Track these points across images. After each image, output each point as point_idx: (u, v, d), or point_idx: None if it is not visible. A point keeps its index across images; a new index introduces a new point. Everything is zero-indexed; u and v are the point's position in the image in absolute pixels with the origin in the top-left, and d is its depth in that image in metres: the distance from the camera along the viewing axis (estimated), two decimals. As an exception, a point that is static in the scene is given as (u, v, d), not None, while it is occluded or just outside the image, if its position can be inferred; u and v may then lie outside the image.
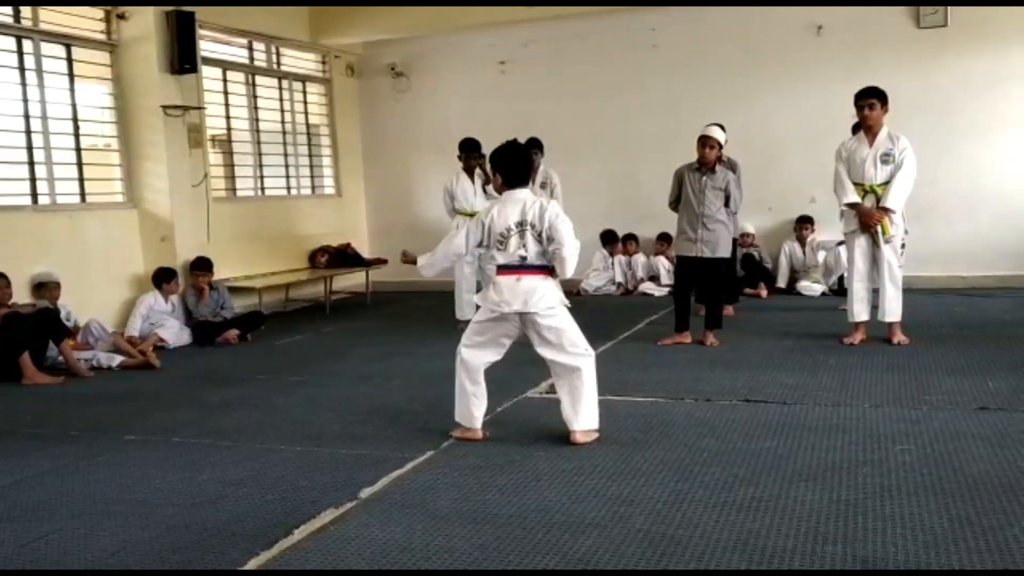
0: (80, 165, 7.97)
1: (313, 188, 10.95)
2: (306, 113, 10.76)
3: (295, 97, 10.52)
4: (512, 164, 4.31)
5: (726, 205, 6.63)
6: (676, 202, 6.78)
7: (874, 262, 6.34)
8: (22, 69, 7.42)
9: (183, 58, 8.12)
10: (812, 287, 9.24)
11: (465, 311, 7.64)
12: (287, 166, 10.41)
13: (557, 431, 4.27)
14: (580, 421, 4.21)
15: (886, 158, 6.17)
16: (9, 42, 7.37)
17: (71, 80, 7.87)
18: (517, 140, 4.46)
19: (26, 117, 7.42)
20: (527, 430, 4.44)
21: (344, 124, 11.24)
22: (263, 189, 10.06)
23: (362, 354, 6.98)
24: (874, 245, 6.29)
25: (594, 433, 4.23)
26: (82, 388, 6.18)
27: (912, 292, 7.43)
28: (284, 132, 10.35)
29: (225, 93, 9.40)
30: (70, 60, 7.85)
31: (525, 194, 4.29)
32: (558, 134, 9.54)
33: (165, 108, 8.12)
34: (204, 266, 8.06)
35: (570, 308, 4.29)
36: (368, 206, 11.56)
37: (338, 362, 6.71)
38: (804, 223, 9.50)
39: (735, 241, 7.63)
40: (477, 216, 4.43)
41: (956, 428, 4.18)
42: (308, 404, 5.32)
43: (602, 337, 6.97)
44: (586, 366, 4.21)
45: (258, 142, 9.88)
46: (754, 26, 9.66)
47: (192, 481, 3.91)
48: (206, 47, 8.95)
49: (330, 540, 3.16)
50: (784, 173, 9.54)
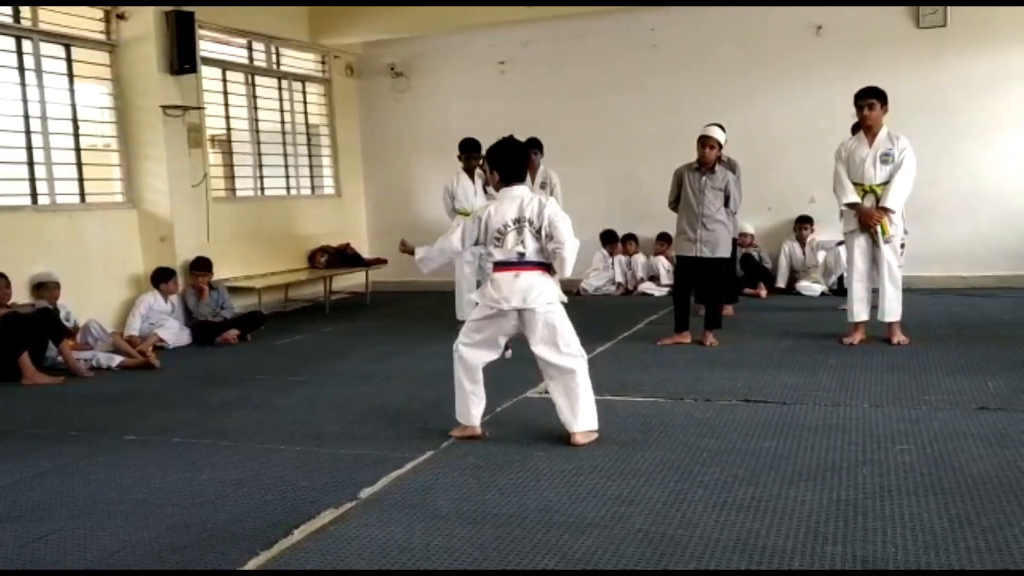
0: (80, 165, 7.96)
1: (313, 188, 10.95)
2: (306, 113, 10.76)
3: (295, 97, 10.53)
4: (509, 161, 4.30)
5: (726, 205, 6.63)
6: (676, 202, 6.78)
7: (874, 262, 6.34)
8: (22, 69, 7.42)
9: (183, 58, 8.12)
10: (812, 287, 9.24)
11: (465, 311, 7.63)
12: (287, 166, 10.41)
13: (557, 431, 4.27)
14: (579, 423, 4.20)
15: (886, 158, 6.17)
16: (9, 42, 7.37)
17: (71, 80, 7.87)
18: (513, 136, 4.44)
19: (26, 117, 7.42)
20: (527, 430, 4.44)
21: (344, 124, 11.25)
22: (263, 189, 10.06)
23: (362, 354, 6.98)
24: (874, 245, 6.30)
25: (593, 434, 4.23)
26: (82, 388, 6.18)
27: (912, 292, 7.43)
28: (284, 132, 10.35)
29: (225, 93, 9.40)
30: (69, 60, 7.85)
31: (523, 191, 4.28)
32: (558, 134, 9.55)
33: (165, 108, 8.12)
34: (204, 266, 8.06)
35: (566, 304, 4.29)
36: (368, 206, 11.56)
37: (338, 362, 6.71)
38: (804, 223, 9.50)
39: (735, 241, 7.63)
40: (474, 213, 4.42)
41: (956, 428, 4.18)
42: (308, 404, 5.32)
43: (602, 337, 6.99)
44: (580, 368, 4.21)
45: (258, 142, 9.88)
46: (754, 26, 9.67)
47: (192, 481, 3.91)
48: (206, 47, 8.95)
49: (330, 540, 3.16)
50: (784, 173, 9.54)
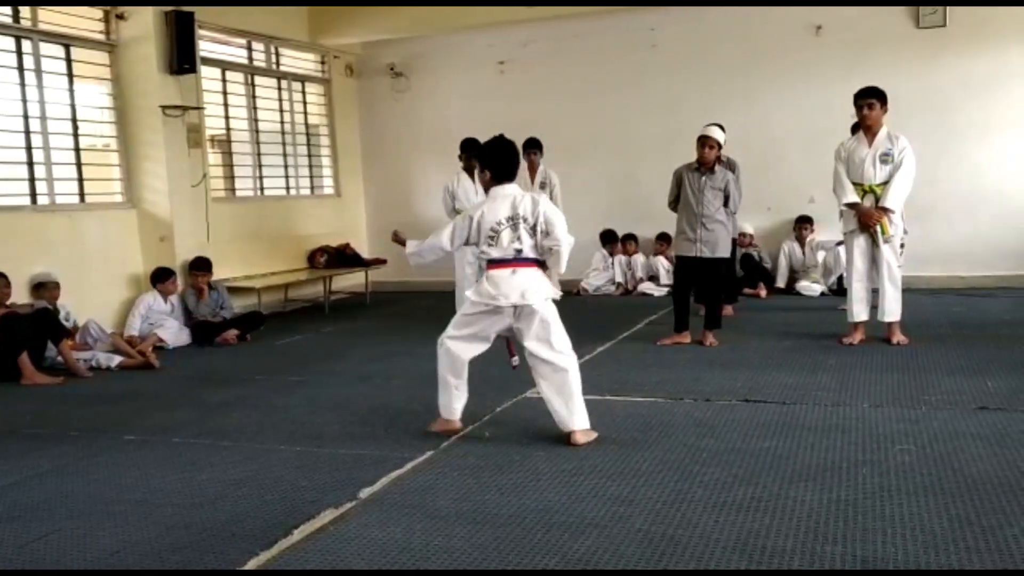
0: (79, 165, 7.96)
1: (312, 188, 10.95)
2: (305, 113, 10.76)
3: (294, 97, 10.52)
4: (501, 159, 4.34)
5: (725, 205, 6.64)
6: (675, 202, 6.78)
7: (873, 262, 6.34)
8: (21, 69, 7.42)
9: (182, 58, 8.12)
10: (811, 287, 9.24)
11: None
12: (286, 166, 10.41)
13: (557, 431, 4.27)
14: (577, 420, 4.21)
15: (885, 158, 6.17)
16: (8, 42, 7.37)
17: (70, 80, 7.87)
18: (504, 135, 4.45)
19: (25, 117, 7.41)
20: (527, 430, 4.44)
21: (343, 124, 11.25)
22: (262, 189, 10.06)
23: (361, 354, 6.98)
24: (873, 245, 6.30)
25: (593, 433, 4.23)
26: (81, 388, 6.18)
27: (911, 292, 7.43)
28: (283, 132, 10.35)
29: (224, 93, 9.40)
30: (69, 60, 7.85)
31: (514, 189, 4.31)
32: (557, 134, 9.55)
33: (164, 108, 8.12)
34: (203, 266, 8.06)
35: (558, 301, 4.31)
36: (367, 206, 11.56)
37: (338, 362, 6.71)
38: (803, 223, 9.50)
39: (734, 241, 7.64)
40: (465, 212, 4.43)
41: (955, 428, 4.18)
42: (308, 404, 5.32)
43: (602, 337, 6.99)
44: (573, 367, 4.24)
45: (257, 142, 9.88)
46: (753, 26, 9.67)
47: (192, 481, 3.91)
48: (205, 47, 8.95)
49: (330, 540, 3.16)
50: (783, 173, 9.54)
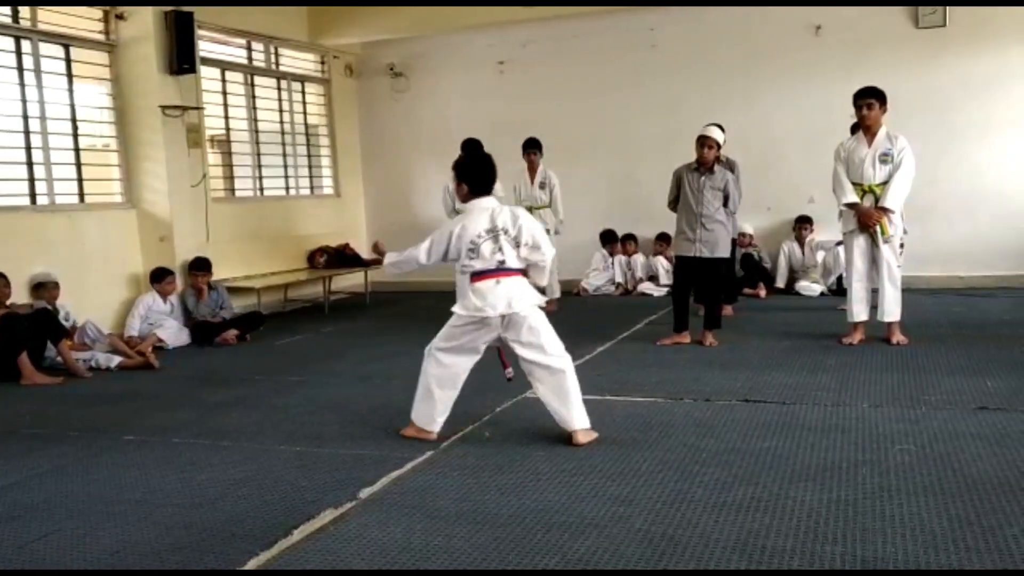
0: (79, 165, 7.96)
1: (312, 188, 10.95)
2: (305, 113, 10.76)
3: (294, 97, 10.52)
4: (478, 174, 4.37)
5: (724, 205, 6.64)
6: (675, 202, 6.78)
7: (873, 262, 6.34)
8: (20, 69, 7.41)
9: (182, 58, 8.12)
10: (811, 287, 9.24)
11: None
12: (286, 166, 10.41)
13: (556, 431, 4.27)
14: (577, 420, 4.22)
15: (885, 158, 6.17)
16: (8, 42, 7.37)
17: (70, 80, 7.86)
18: (479, 144, 4.44)
19: (25, 117, 7.41)
20: (527, 430, 4.44)
21: (343, 124, 11.24)
22: (262, 189, 10.06)
23: (361, 354, 6.98)
24: (873, 245, 6.30)
25: (593, 432, 4.24)
26: (81, 388, 6.18)
27: (911, 292, 7.43)
28: (283, 132, 10.35)
29: (224, 93, 9.40)
30: (68, 60, 7.84)
31: (491, 202, 4.34)
32: (557, 134, 9.56)
33: (164, 108, 8.12)
34: (203, 266, 8.06)
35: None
36: (367, 206, 11.56)
37: (337, 362, 6.71)
38: (803, 223, 9.50)
39: (734, 241, 7.63)
40: (443, 228, 4.41)
41: (955, 428, 4.18)
42: (307, 404, 5.32)
43: (601, 337, 6.99)
44: (569, 367, 4.26)
45: (257, 142, 9.88)
46: (753, 26, 9.67)
47: (191, 481, 3.91)
48: (205, 47, 8.95)
49: (330, 540, 3.16)
50: (783, 173, 9.54)
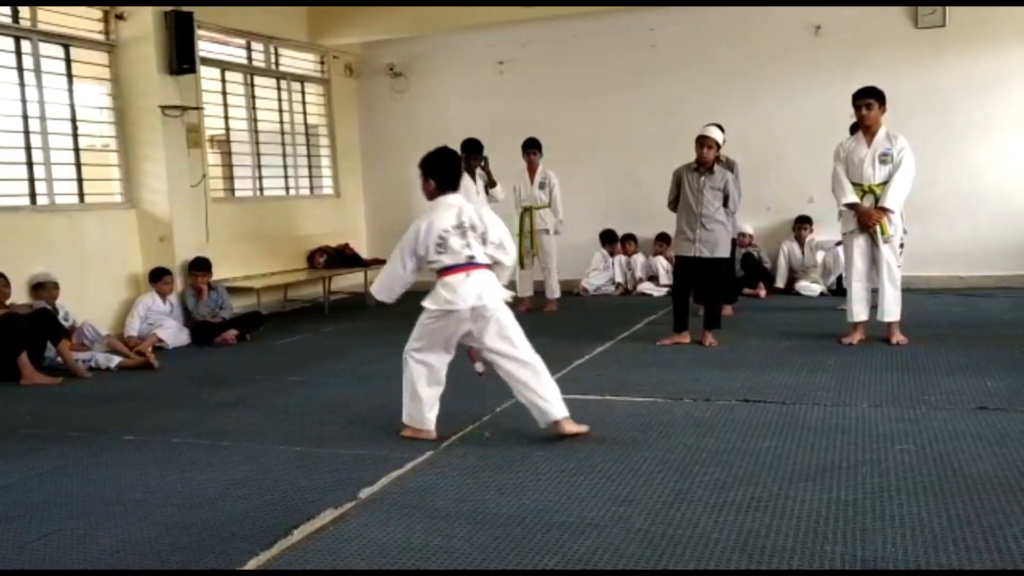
0: (78, 165, 7.95)
1: (312, 188, 10.94)
2: (304, 113, 10.76)
3: (294, 97, 10.52)
4: (445, 170, 4.42)
5: (724, 205, 6.64)
6: (675, 202, 6.78)
7: (873, 262, 6.34)
8: (20, 69, 7.41)
9: (181, 58, 8.11)
10: (811, 287, 9.24)
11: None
12: (285, 166, 10.41)
13: (556, 431, 4.27)
14: (559, 408, 4.25)
15: (884, 158, 6.17)
16: (7, 42, 7.36)
17: (69, 80, 7.86)
18: (446, 146, 4.52)
19: (24, 117, 7.41)
20: (527, 430, 4.43)
21: (343, 124, 11.24)
22: (262, 189, 10.06)
23: (361, 354, 6.97)
24: (873, 245, 6.30)
25: (583, 426, 4.26)
26: (81, 388, 6.18)
27: (911, 292, 7.43)
28: (283, 132, 10.35)
29: (224, 93, 9.40)
30: (68, 60, 7.84)
31: (458, 199, 4.41)
32: (557, 134, 9.56)
33: (163, 108, 8.12)
34: (203, 266, 8.06)
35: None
36: (367, 206, 11.55)
37: (337, 362, 6.71)
38: (803, 223, 9.50)
39: (734, 241, 7.63)
40: (408, 231, 4.41)
41: (955, 428, 4.18)
42: (307, 404, 5.32)
43: (601, 337, 7.00)
44: (538, 361, 4.30)
45: (256, 142, 9.88)
46: (753, 26, 9.67)
47: (191, 481, 3.91)
48: (204, 47, 8.94)
49: (330, 540, 3.16)
50: (783, 173, 9.54)
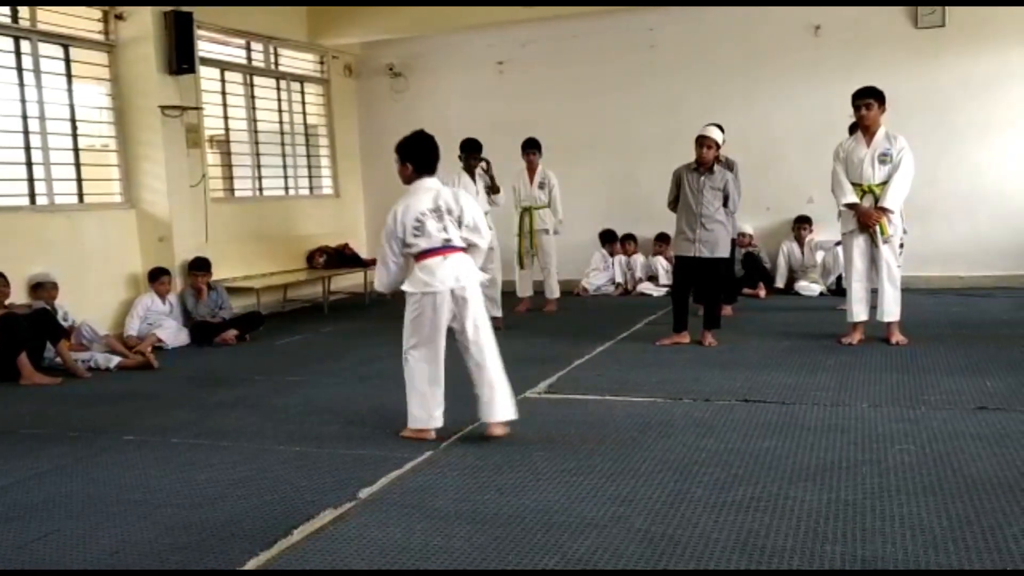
0: (78, 165, 7.95)
1: (311, 188, 10.94)
2: (304, 113, 10.76)
3: (293, 97, 10.52)
4: (421, 153, 4.46)
5: (724, 205, 6.64)
6: (675, 202, 6.78)
7: (873, 262, 6.34)
8: (20, 69, 7.41)
9: (181, 58, 8.11)
10: (810, 287, 9.24)
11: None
12: (285, 166, 10.41)
13: (556, 431, 4.27)
14: (499, 412, 4.28)
15: (884, 158, 6.17)
16: (7, 42, 7.36)
17: (69, 80, 7.85)
18: (423, 130, 4.51)
19: (24, 117, 7.40)
20: (526, 430, 4.43)
21: (342, 124, 11.24)
22: (261, 189, 10.05)
23: (361, 354, 6.97)
24: (873, 245, 6.30)
25: (507, 428, 4.32)
26: (80, 389, 6.17)
27: (910, 292, 7.44)
28: (282, 132, 10.34)
29: (223, 93, 9.40)
30: (68, 60, 7.83)
31: (435, 183, 4.44)
32: (557, 134, 9.56)
33: (163, 108, 8.11)
34: (202, 266, 8.05)
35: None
36: (366, 206, 11.54)
37: (337, 362, 6.70)
38: (802, 223, 9.50)
39: (733, 241, 7.63)
40: (388, 219, 4.44)
41: (955, 428, 4.19)
42: (307, 404, 5.32)
43: (601, 337, 7.00)
44: (497, 353, 4.34)
45: (256, 142, 9.87)
46: (752, 26, 9.67)
47: (191, 481, 3.91)
48: (204, 47, 8.94)
49: (329, 540, 3.16)
50: (783, 173, 9.54)
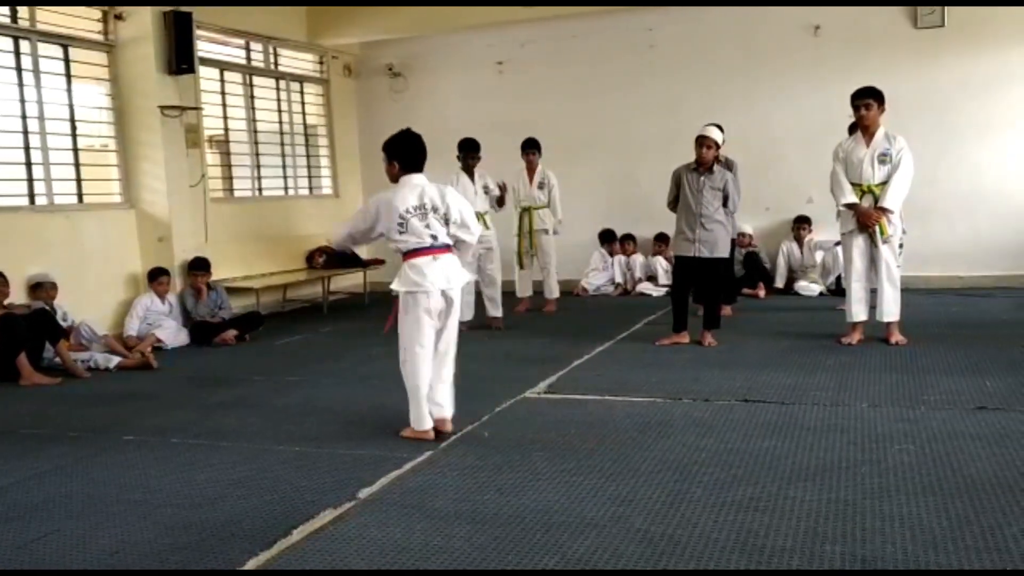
0: (77, 165, 7.94)
1: (311, 188, 10.94)
2: (303, 113, 10.76)
3: (292, 97, 10.51)
4: (408, 151, 4.44)
5: (724, 205, 6.64)
6: (674, 202, 6.79)
7: (872, 262, 6.35)
8: (19, 69, 7.40)
9: (180, 58, 8.11)
10: (810, 287, 9.25)
11: (463, 312, 7.61)
12: (284, 167, 10.41)
13: (556, 431, 4.27)
14: (451, 409, 4.42)
15: (883, 158, 6.17)
16: (6, 42, 7.36)
17: (68, 80, 7.85)
18: (410, 128, 4.52)
19: (23, 117, 7.40)
20: (526, 430, 4.44)
21: (341, 124, 11.24)
22: (260, 190, 10.05)
23: (360, 354, 6.97)
24: (872, 245, 6.30)
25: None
26: (80, 389, 6.17)
27: (910, 292, 7.44)
28: (281, 132, 10.34)
29: (223, 93, 9.40)
30: (67, 60, 7.83)
31: (421, 179, 4.43)
32: (556, 134, 9.57)
33: (162, 108, 8.11)
34: (202, 266, 8.05)
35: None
36: (366, 206, 11.53)
37: (336, 362, 6.70)
38: (802, 223, 9.50)
39: (733, 241, 7.64)
40: (370, 206, 4.46)
41: (954, 428, 4.19)
42: (307, 404, 5.32)
43: (600, 337, 7.00)
44: (450, 362, 4.47)
45: (255, 142, 9.87)
46: (752, 26, 9.67)
47: (191, 481, 3.91)
48: (203, 47, 8.94)
49: (329, 540, 3.17)
50: (782, 173, 9.54)
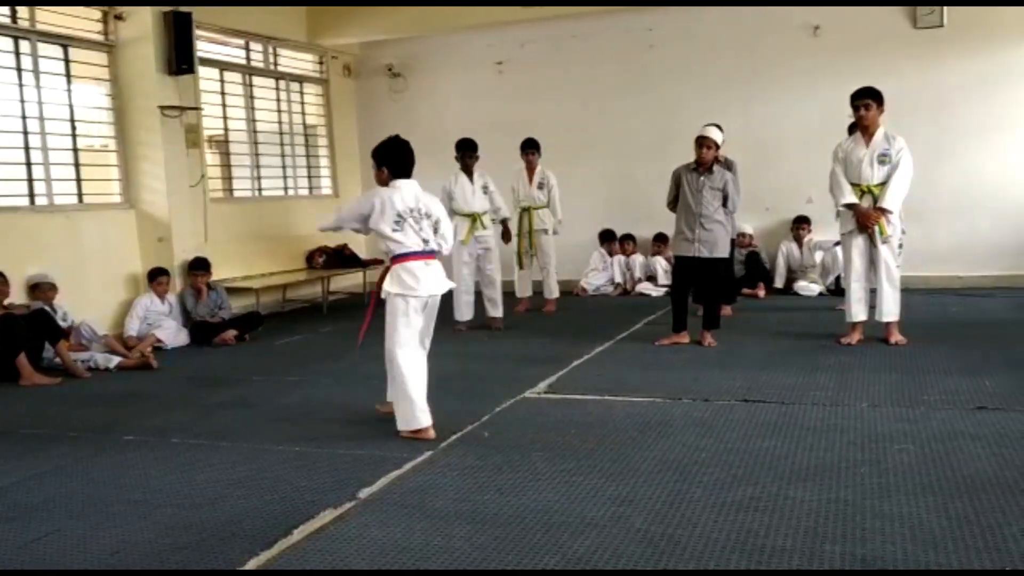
0: (77, 166, 7.94)
1: (310, 189, 10.94)
2: (303, 113, 10.76)
3: (292, 98, 10.52)
4: (398, 158, 4.55)
5: (724, 205, 6.64)
6: (674, 203, 6.79)
7: (872, 262, 6.35)
8: (19, 70, 7.40)
9: (180, 59, 8.11)
10: (809, 287, 9.25)
11: (463, 312, 7.63)
12: (284, 167, 10.41)
13: (556, 431, 4.28)
14: (423, 418, 4.42)
15: (883, 158, 6.17)
16: (6, 43, 7.36)
17: (68, 81, 7.85)
18: (398, 135, 4.64)
19: (23, 118, 7.40)
20: (526, 430, 4.44)
21: (341, 124, 11.24)
22: (260, 190, 10.05)
23: (360, 354, 6.94)
24: (871, 245, 6.30)
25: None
26: (80, 389, 6.17)
27: (909, 292, 7.44)
28: (281, 133, 10.34)
29: (222, 94, 9.40)
30: (67, 60, 7.83)
31: (413, 185, 4.53)
32: (556, 134, 9.57)
33: (162, 108, 8.11)
34: (202, 266, 8.05)
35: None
36: (366, 206, 11.53)
37: (336, 362, 6.71)
38: (801, 223, 9.50)
39: (733, 241, 7.64)
40: (364, 200, 4.56)
41: (954, 428, 4.19)
42: (307, 404, 5.32)
43: (600, 337, 7.00)
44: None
45: (255, 143, 9.87)
46: (752, 27, 9.67)
47: (191, 481, 3.91)
48: (203, 48, 8.94)
49: (329, 540, 3.17)
50: (782, 173, 9.54)
